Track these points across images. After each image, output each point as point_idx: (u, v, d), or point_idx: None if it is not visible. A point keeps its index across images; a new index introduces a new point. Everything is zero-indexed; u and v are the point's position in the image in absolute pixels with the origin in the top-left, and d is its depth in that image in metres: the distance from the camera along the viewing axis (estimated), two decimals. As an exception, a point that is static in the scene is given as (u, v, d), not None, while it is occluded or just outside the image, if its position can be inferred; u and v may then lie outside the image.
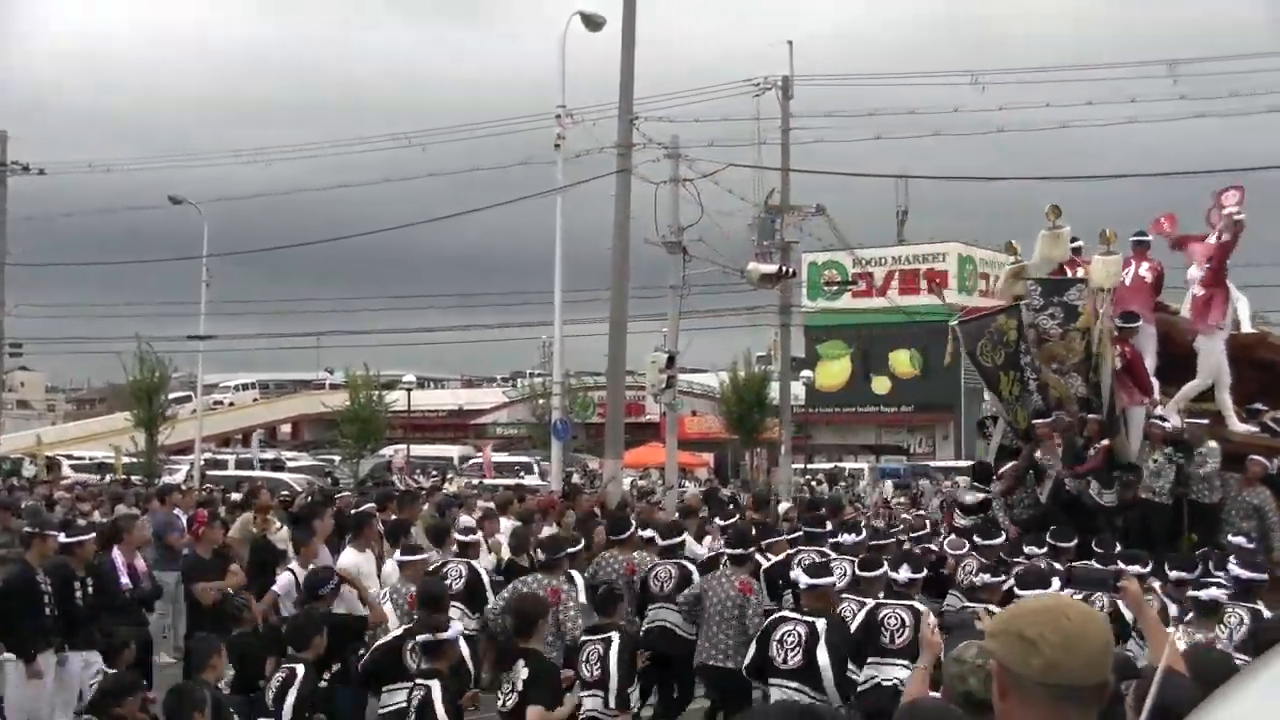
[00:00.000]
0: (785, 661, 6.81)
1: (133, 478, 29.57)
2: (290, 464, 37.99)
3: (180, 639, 11.04)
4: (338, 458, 40.46)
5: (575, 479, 28.63)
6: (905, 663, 6.58)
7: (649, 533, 9.93)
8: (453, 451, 46.03)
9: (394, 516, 11.42)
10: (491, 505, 14.52)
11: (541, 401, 43.49)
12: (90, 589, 8.92)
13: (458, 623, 7.13)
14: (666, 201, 21.53)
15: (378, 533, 10.24)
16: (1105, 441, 10.95)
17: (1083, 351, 11.21)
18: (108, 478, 30.02)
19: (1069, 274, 11.98)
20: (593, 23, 22.22)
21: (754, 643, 7.25)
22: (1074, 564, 8.77)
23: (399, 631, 7.33)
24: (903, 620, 6.99)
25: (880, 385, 56.07)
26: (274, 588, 9.27)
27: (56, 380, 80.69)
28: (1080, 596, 6.91)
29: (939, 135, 25.95)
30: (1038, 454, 11.21)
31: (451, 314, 75.78)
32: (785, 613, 7.29)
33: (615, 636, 7.18)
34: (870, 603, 7.38)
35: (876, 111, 26.66)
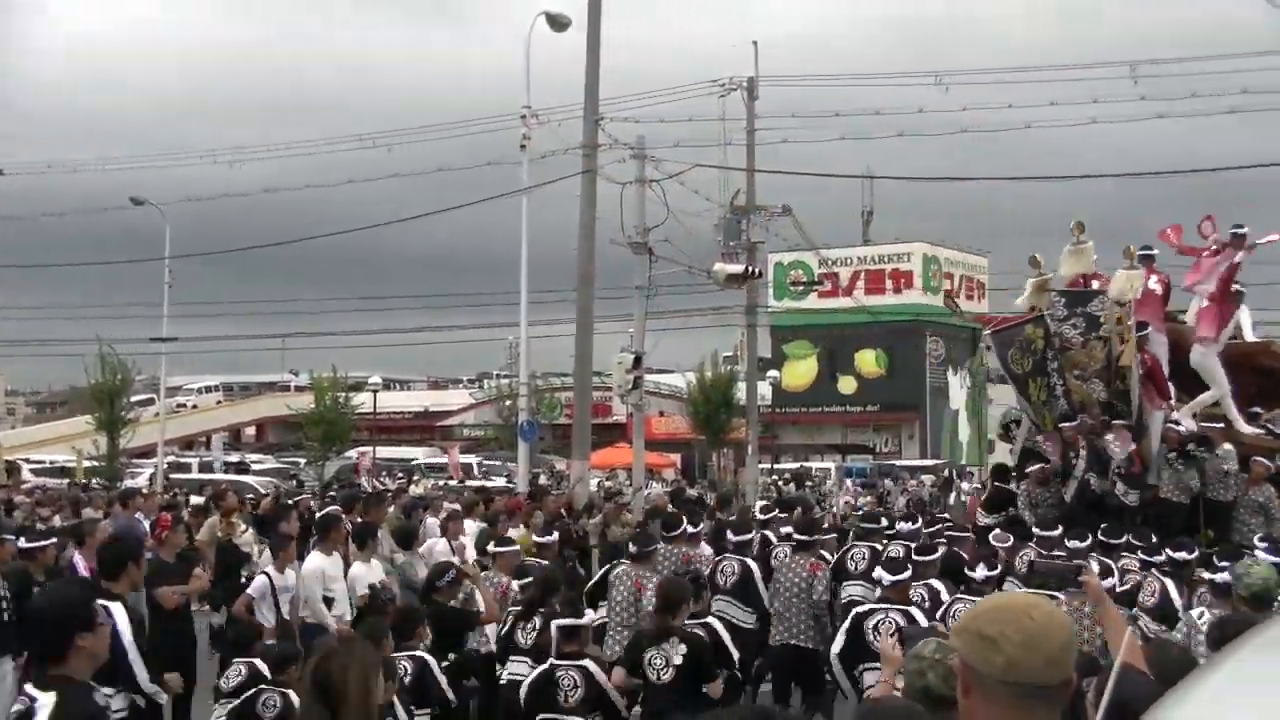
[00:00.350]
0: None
1: (93, 481, 29.23)
2: (255, 467, 37.70)
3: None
4: (303, 460, 40.19)
5: (542, 480, 28.59)
6: None
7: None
8: (417, 453, 45.82)
9: (360, 519, 11.35)
10: (457, 507, 14.47)
11: (508, 403, 43.40)
12: (50, 595, 8.80)
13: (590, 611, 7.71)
14: (632, 202, 21.54)
15: (344, 535, 10.18)
16: (1133, 446, 11.61)
17: (1103, 359, 11.89)
18: (65, 482, 29.66)
19: (1091, 286, 12.64)
20: (558, 23, 22.19)
21: (843, 632, 7.60)
22: (1035, 558, 9.02)
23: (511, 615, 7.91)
24: (1057, 601, 7.51)
25: (846, 385, 56.37)
26: (249, 590, 9.21)
27: (16, 383, 79.61)
28: (1039, 591, 7.01)
29: (904, 136, 26.10)
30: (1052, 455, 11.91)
31: (418, 315, 75.48)
32: (874, 605, 7.69)
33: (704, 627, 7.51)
34: (944, 593, 8.01)
35: (841, 112, 26.87)
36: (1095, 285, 12.66)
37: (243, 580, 10.55)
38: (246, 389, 67.65)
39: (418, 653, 6.76)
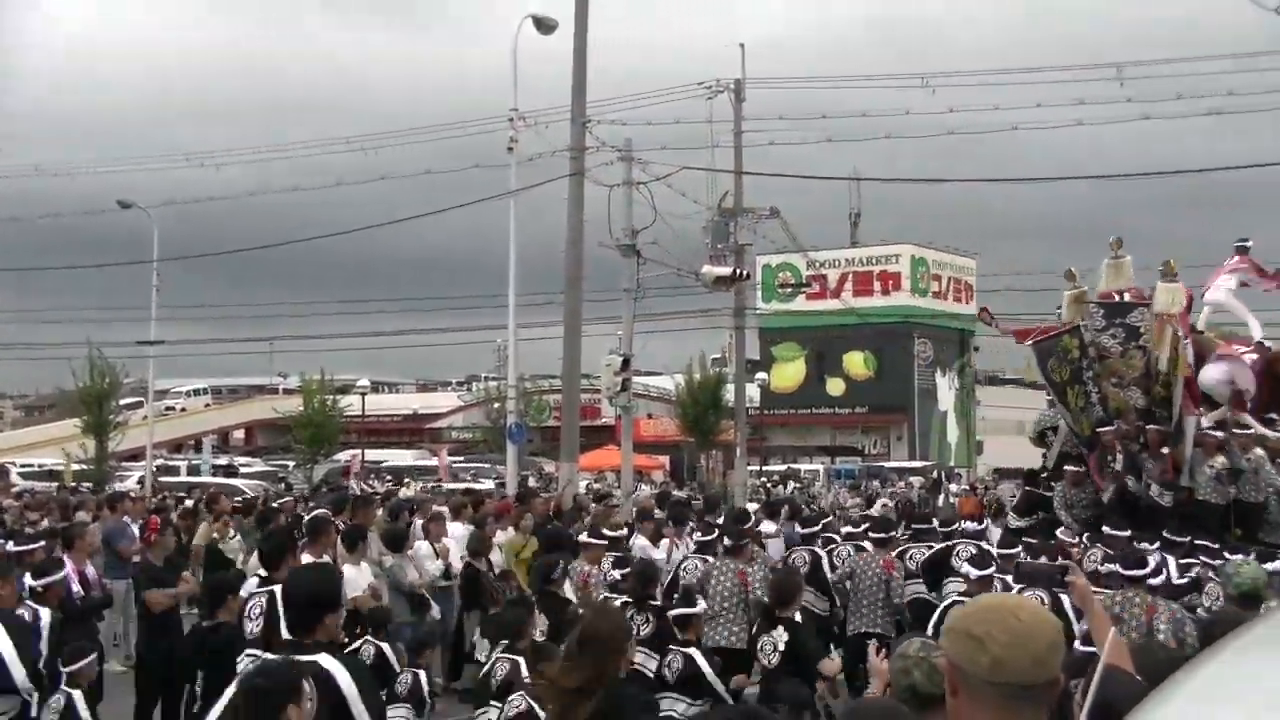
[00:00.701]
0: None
1: (81, 485, 29.11)
2: (243, 470, 37.58)
3: (131, 647, 10.90)
4: (291, 463, 40.07)
5: (531, 482, 28.55)
6: None
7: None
8: (406, 456, 45.74)
9: (349, 522, 11.33)
10: (444, 509, 14.44)
11: (496, 405, 43.35)
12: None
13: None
14: (620, 204, 21.50)
15: (334, 539, 10.15)
16: (1166, 450, 12.13)
17: (1142, 367, 12.50)
18: (53, 485, 29.53)
19: (1128, 298, 13.20)
20: (544, 26, 22.18)
21: (931, 626, 8.06)
22: (1020, 560, 9.34)
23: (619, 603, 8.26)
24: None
25: (834, 387, 56.45)
26: (241, 592, 9.16)
27: (4, 386, 79.28)
28: (1025, 591, 7.09)
29: (891, 137, 26.16)
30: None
31: (406, 318, 75.37)
32: (958, 597, 8.33)
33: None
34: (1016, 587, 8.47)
35: (828, 114, 26.93)
36: (1127, 298, 13.19)
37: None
38: (235, 392, 67.45)
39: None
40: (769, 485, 33.69)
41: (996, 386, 62.47)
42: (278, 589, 6.09)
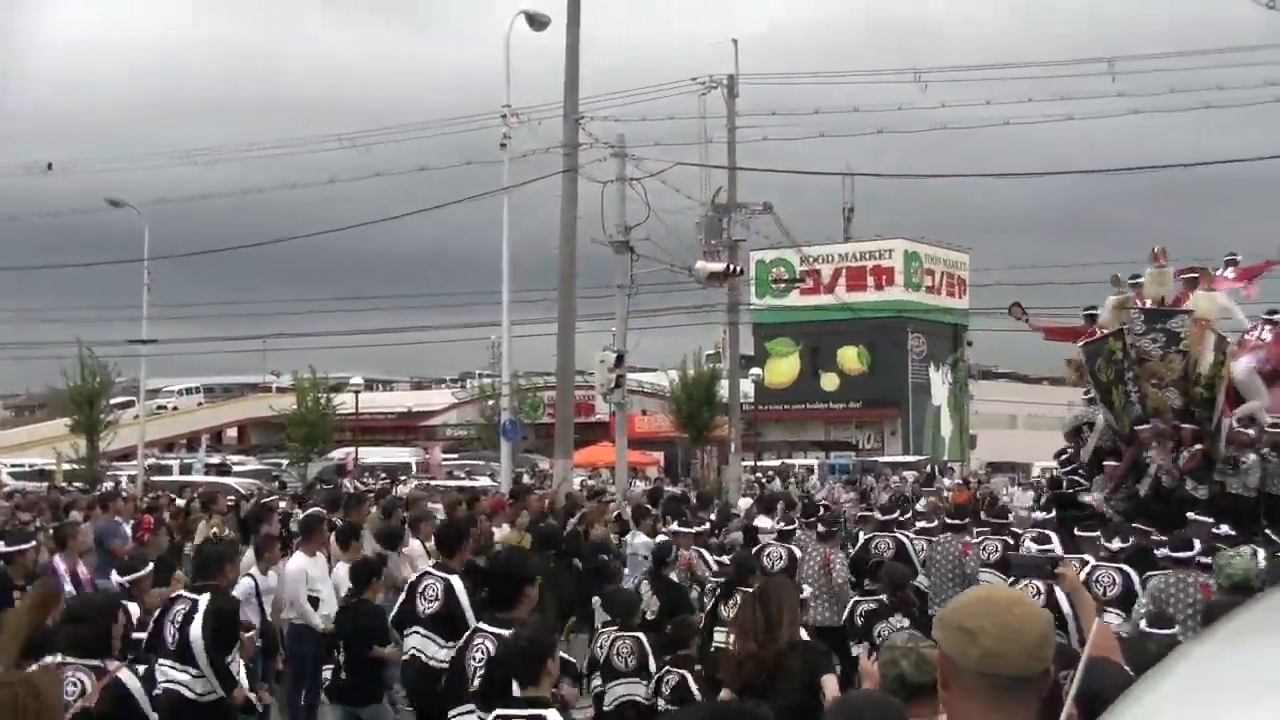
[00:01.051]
0: (1104, 595, 8.54)
1: (72, 484, 29.05)
2: (236, 469, 37.53)
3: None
4: (285, 462, 40.05)
5: (525, 479, 28.56)
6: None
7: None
8: (403, 455, 45.75)
9: (341, 519, 11.34)
10: (438, 507, 14.45)
11: (491, 402, 43.33)
12: (31, 598, 8.74)
13: None
14: (613, 201, 21.53)
15: (327, 537, 10.17)
16: (1199, 446, 12.83)
17: (1180, 370, 13.19)
18: (44, 485, 29.47)
19: (1169, 305, 13.88)
20: (537, 22, 22.16)
21: None
22: (1010, 551, 9.56)
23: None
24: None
25: (829, 382, 56.49)
26: (234, 593, 9.16)
27: (-6, 386, 79.03)
28: (1016, 583, 7.16)
29: (883, 133, 26.22)
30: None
31: (400, 315, 75.27)
32: (1097, 562, 9.07)
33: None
34: (1091, 562, 9.24)
35: (821, 109, 26.96)
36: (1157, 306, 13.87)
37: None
38: (228, 391, 67.36)
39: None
40: (763, 480, 33.69)
41: (990, 381, 62.56)
42: (452, 575, 7.34)
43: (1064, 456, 15.38)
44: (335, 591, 9.35)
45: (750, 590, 6.11)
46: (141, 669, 5.92)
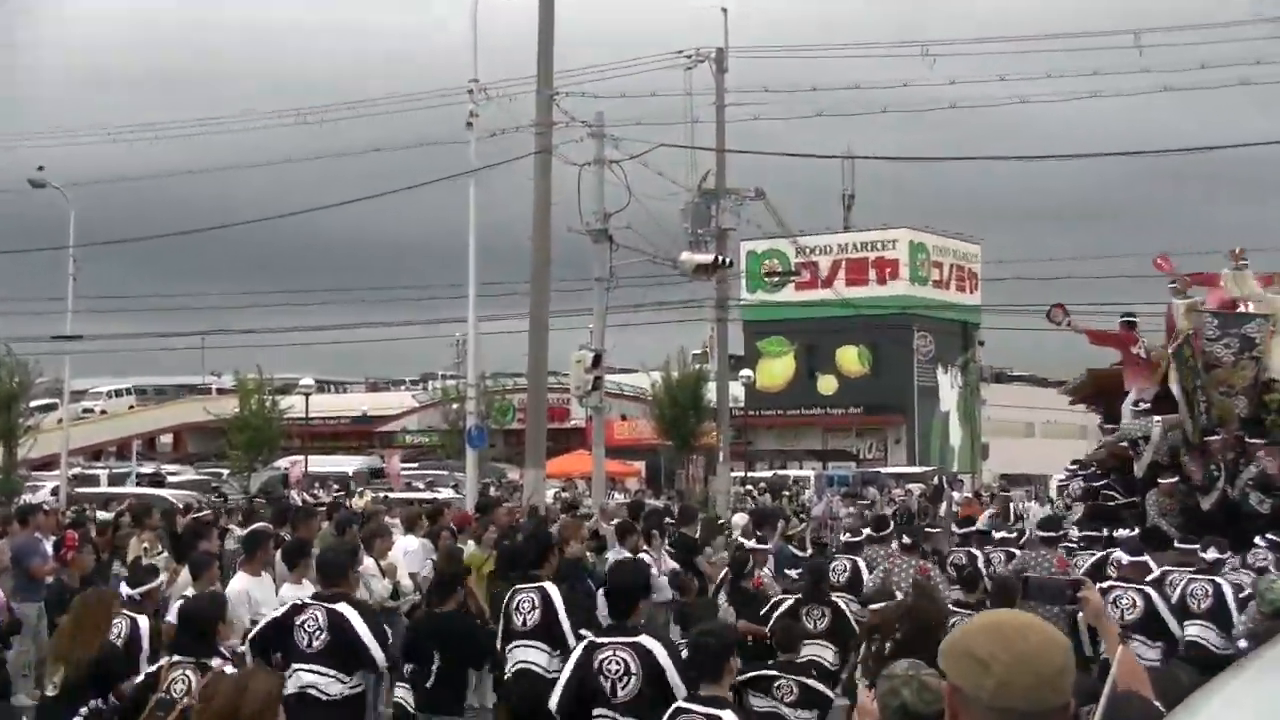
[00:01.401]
0: (1123, 618, 9.19)
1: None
2: (171, 479, 37.33)
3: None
4: (225, 472, 39.86)
5: (493, 491, 28.52)
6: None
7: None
8: (355, 463, 45.64)
9: (289, 535, 11.29)
10: (395, 521, 14.39)
11: (455, 406, 43.24)
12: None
13: None
14: (591, 185, 21.54)
15: (272, 555, 10.11)
16: (1270, 458, 13.24)
17: (1251, 377, 13.63)
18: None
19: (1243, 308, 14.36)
20: (507, -13, 22.15)
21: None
22: (1029, 575, 9.73)
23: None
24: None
25: (826, 385, 56.66)
26: (167, 617, 9.10)
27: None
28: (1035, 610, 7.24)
29: (888, 112, 26.30)
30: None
31: (355, 310, 75.00)
32: (1115, 582, 9.67)
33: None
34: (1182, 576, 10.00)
35: (819, 86, 27.02)
36: (1252, 308, 14.27)
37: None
38: (162, 392, 67.04)
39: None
40: (754, 494, 33.77)
41: (1003, 384, 62.85)
42: (545, 583, 8.24)
43: (1092, 470, 15.69)
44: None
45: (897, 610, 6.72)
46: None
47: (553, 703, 6.61)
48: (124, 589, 8.33)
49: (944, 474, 41.69)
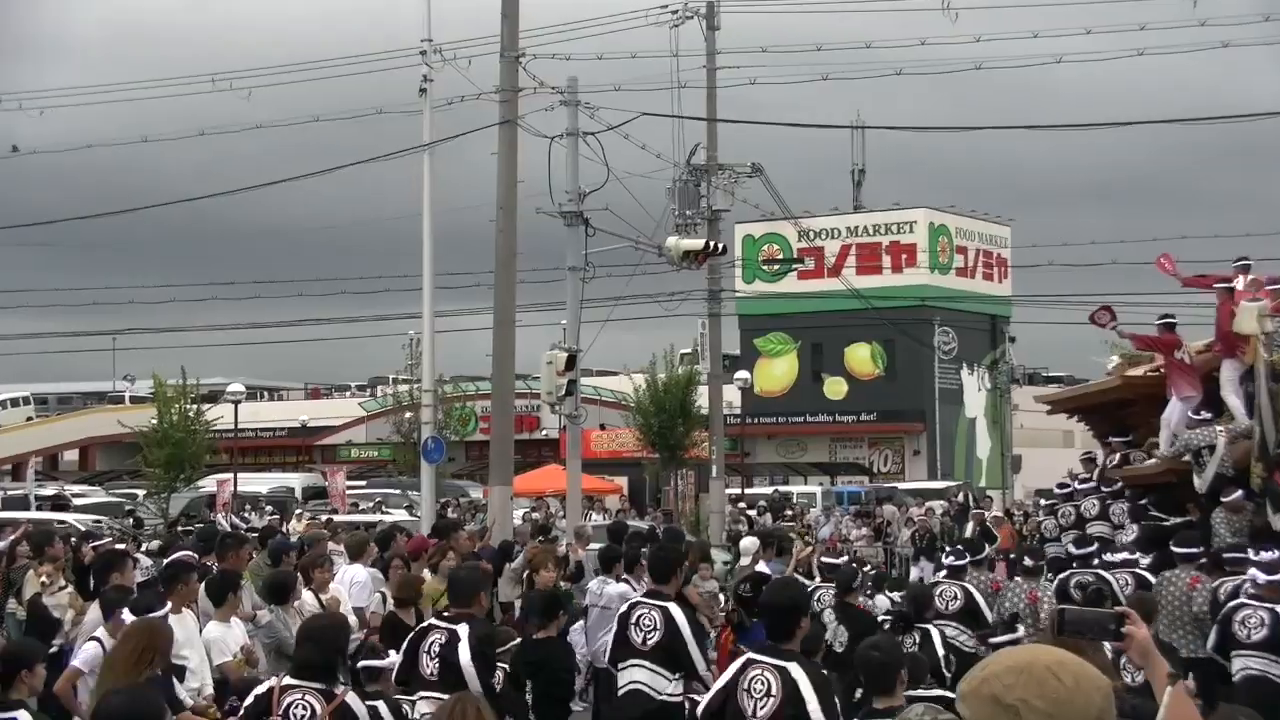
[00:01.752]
0: (1249, 636, 10.06)
1: None
2: (77, 501, 37.21)
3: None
4: (141, 493, 39.74)
5: (451, 512, 28.51)
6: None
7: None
8: (294, 481, 45.61)
9: (215, 566, 11.27)
10: (339, 548, 14.37)
11: (408, 415, 43.19)
12: None
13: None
14: (564, 161, 21.54)
15: (195, 589, 10.08)
16: None
17: None
18: None
19: None
20: (467, -68, 22.18)
21: (1215, 627, 10.62)
22: (1064, 607, 9.94)
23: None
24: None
25: (834, 389, 56.82)
26: (75, 663, 9.05)
27: None
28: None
29: (902, 74, 26.38)
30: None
31: (292, 305, 74.94)
32: (1245, 600, 10.41)
33: None
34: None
35: (825, 45, 27.03)
36: None
37: (54, 650, 10.36)
38: (66, 401, 66.87)
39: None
40: (751, 513, 33.82)
41: (1038, 387, 63.12)
42: (669, 602, 8.86)
43: (1118, 487, 16.28)
44: (207, 658, 9.27)
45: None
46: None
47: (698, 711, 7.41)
48: (125, 615, 8.51)
49: (969, 490, 41.89)
